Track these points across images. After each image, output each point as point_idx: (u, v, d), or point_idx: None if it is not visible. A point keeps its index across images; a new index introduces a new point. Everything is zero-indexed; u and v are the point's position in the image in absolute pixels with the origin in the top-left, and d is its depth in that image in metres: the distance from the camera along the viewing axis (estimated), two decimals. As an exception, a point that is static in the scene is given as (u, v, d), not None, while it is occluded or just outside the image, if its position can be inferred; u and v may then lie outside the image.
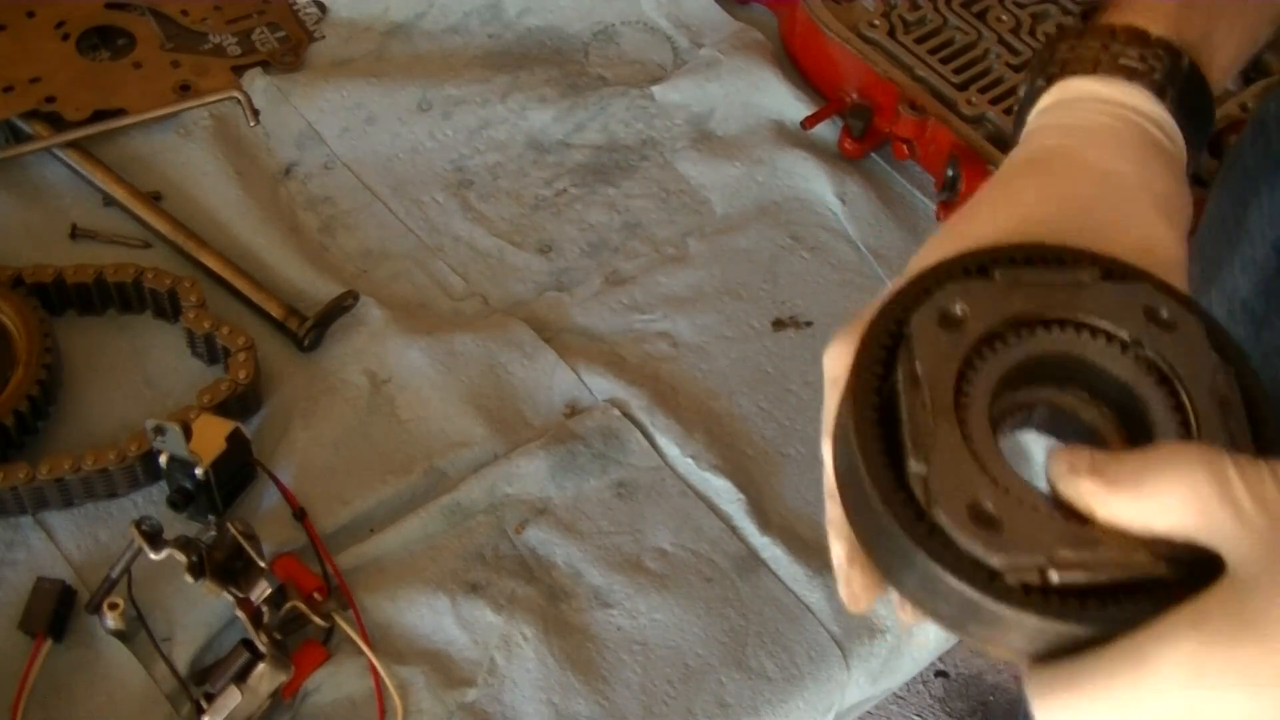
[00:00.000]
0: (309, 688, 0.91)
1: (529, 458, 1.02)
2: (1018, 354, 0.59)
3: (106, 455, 0.96)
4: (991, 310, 0.60)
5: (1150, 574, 0.53)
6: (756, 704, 0.94)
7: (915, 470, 0.55)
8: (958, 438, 0.56)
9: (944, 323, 0.59)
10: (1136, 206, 0.64)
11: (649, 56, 1.33)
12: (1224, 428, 0.56)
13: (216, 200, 1.16)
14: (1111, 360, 0.59)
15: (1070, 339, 0.59)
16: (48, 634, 0.90)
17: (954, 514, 0.54)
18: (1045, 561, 0.53)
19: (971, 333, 0.59)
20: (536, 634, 0.95)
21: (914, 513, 0.55)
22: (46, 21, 1.23)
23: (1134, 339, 0.59)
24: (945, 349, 0.58)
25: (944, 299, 0.60)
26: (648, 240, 1.19)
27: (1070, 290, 0.60)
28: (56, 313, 1.06)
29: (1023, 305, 0.60)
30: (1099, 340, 0.59)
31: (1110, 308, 0.59)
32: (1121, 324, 0.59)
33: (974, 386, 0.58)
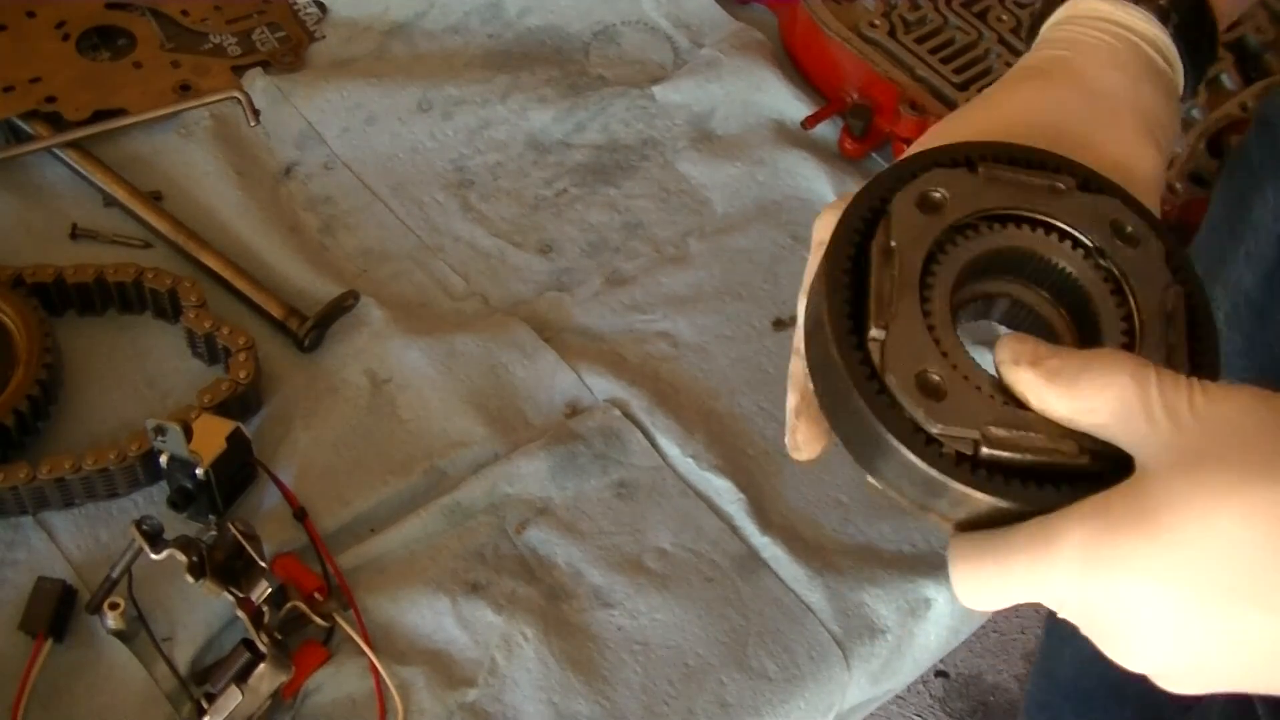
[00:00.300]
0: (309, 688, 0.91)
1: (529, 458, 1.02)
2: (987, 244, 0.63)
3: (107, 455, 0.96)
4: (969, 200, 0.64)
5: (1073, 464, 0.57)
6: (757, 704, 0.94)
7: (875, 335, 0.60)
8: (918, 310, 0.60)
9: (923, 205, 0.63)
10: (1122, 123, 0.68)
11: (649, 56, 1.33)
12: (1164, 340, 0.60)
13: (217, 200, 1.16)
14: (1073, 263, 0.63)
15: (1038, 239, 0.64)
16: (48, 634, 0.90)
17: (902, 379, 0.58)
18: (979, 435, 0.57)
19: (947, 217, 0.63)
20: (537, 634, 0.95)
21: (868, 373, 0.59)
22: (47, 21, 1.23)
23: (1097, 247, 0.63)
24: (920, 229, 0.63)
25: (926, 183, 0.64)
26: (648, 240, 1.19)
27: (1046, 194, 0.64)
28: (57, 313, 1.06)
29: (999, 199, 0.64)
30: (1065, 244, 0.63)
31: (1080, 215, 0.63)
32: (1088, 232, 0.63)
33: (942, 268, 0.62)
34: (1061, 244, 0.63)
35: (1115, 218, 0.63)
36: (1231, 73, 1.24)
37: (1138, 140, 0.67)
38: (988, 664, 2.08)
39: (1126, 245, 0.63)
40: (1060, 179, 0.64)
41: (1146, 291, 0.61)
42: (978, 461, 0.57)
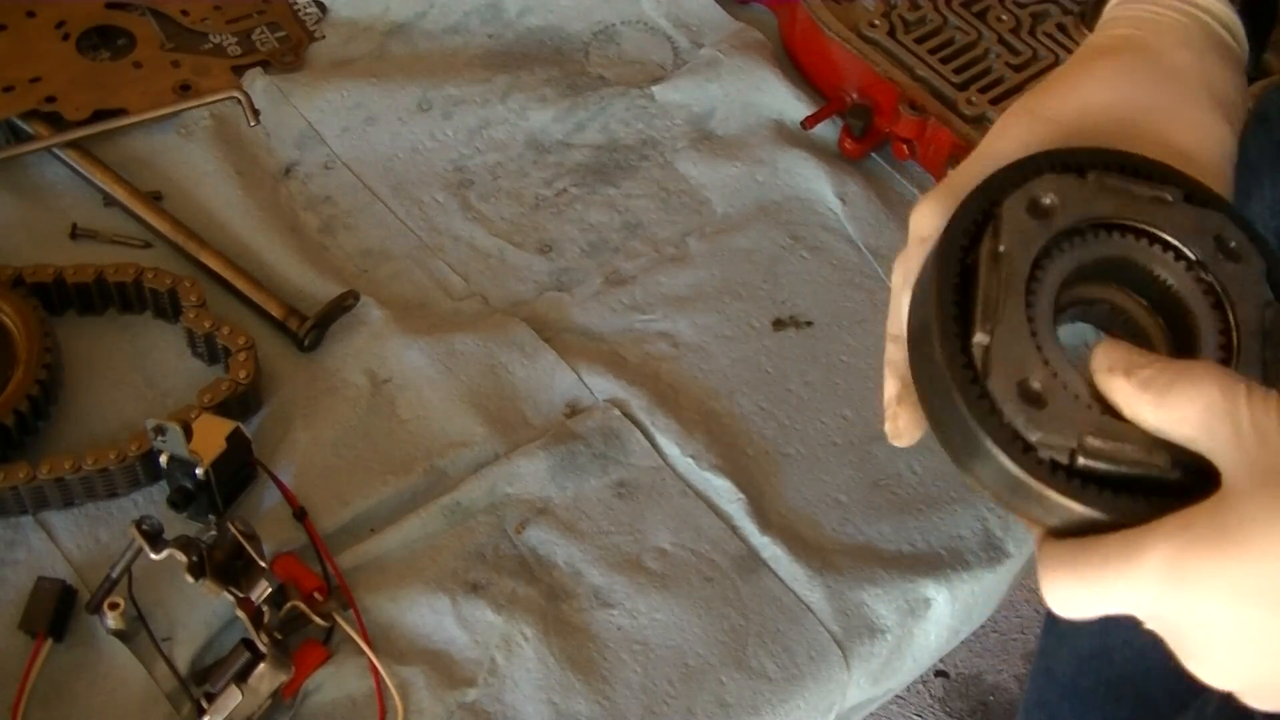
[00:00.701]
0: (309, 687, 0.91)
1: (529, 458, 1.02)
2: (1093, 251, 0.64)
3: (107, 455, 0.96)
4: (1079, 206, 0.64)
5: (1165, 476, 0.57)
6: (757, 704, 0.94)
7: (979, 339, 0.60)
8: (1022, 317, 0.61)
9: (1033, 210, 0.64)
10: (1195, 100, 0.68)
11: (649, 56, 1.33)
12: (1260, 357, 0.60)
13: (217, 200, 1.16)
14: (1175, 275, 0.63)
15: (1143, 249, 0.64)
16: (48, 634, 0.90)
17: (1004, 386, 0.59)
18: (1075, 445, 0.58)
19: (1056, 224, 0.63)
20: (537, 634, 0.95)
21: (971, 377, 0.60)
22: (46, 21, 1.23)
23: (1200, 260, 0.63)
24: (1029, 234, 0.63)
25: (1037, 188, 0.64)
26: (648, 240, 1.19)
27: (1153, 204, 0.64)
28: (57, 313, 1.06)
29: (1107, 208, 0.64)
30: (1169, 255, 0.64)
31: (1185, 227, 0.64)
32: (1192, 244, 0.63)
33: (1047, 273, 0.63)
34: (1165, 255, 0.64)
35: (1219, 232, 0.64)
36: (1231, 73, 1.24)
37: (1212, 121, 0.68)
38: (988, 664, 2.08)
39: (1229, 260, 0.63)
40: (1167, 190, 0.65)
41: (1246, 307, 0.62)
42: (1073, 471, 0.58)
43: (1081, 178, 0.65)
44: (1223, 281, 0.63)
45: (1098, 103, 0.68)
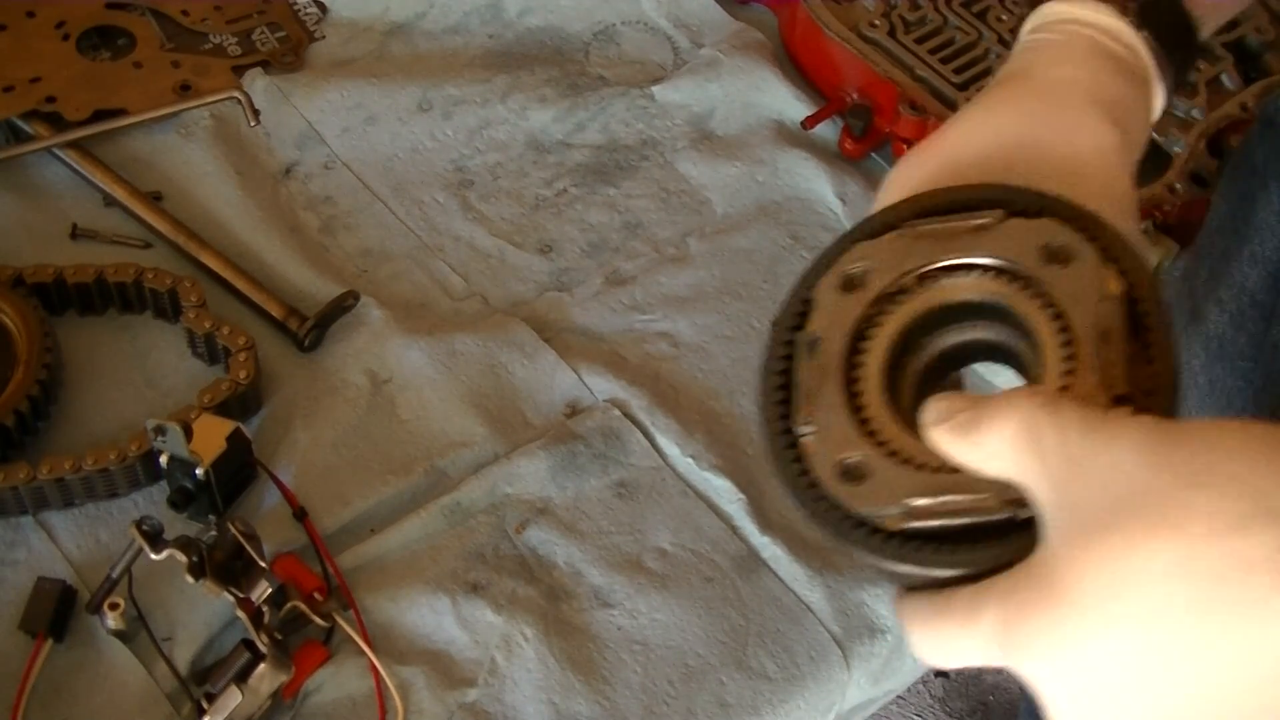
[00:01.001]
0: (309, 688, 0.91)
1: (529, 458, 1.02)
2: (917, 305, 0.63)
3: (107, 455, 0.96)
4: (892, 266, 0.63)
5: (996, 516, 0.56)
6: (757, 704, 0.94)
7: (802, 432, 0.61)
8: (839, 400, 0.61)
9: (845, 286, 0.63)
10: (1079, 112, 0.67)
11: (649, 56, 1.33)
12: (1097, 361, 0.57)
13: (217, 200, 1.16)
14: (1009, 298, 0.61)
15: (967, 284, 0.62)
16: (48, 634, 0.90)
17: (825, 470, 0.59)
18: (903, 510, 0.57)
19: (871, 291, 0.63)
20: (537, 634, 0.95)
21: (799, 469, 0.60)
22: (46, 21, 1.23)
23: (1026, 274, 0.61)
24: (843, 311, 0.63)
25: (846, 263, 0.64)
26: (648, 240, 1.19)
27: (971, 234, 0.62)
28: (57, 313, 1.06)
29: (922, 257, 0.63)
30: (999, 281, 0.61)
31: (1008, 247, 0.61)
32: (1018, 261, 0.61)
33: (873, 343, 0.62)
34: (995, 281, 0.61)
35: (1046, 240, 0.61)
36: (1231, 73, 1.24)
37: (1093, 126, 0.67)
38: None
39: (1059, 265, 0.60)
40: (985, 215, 0.62)
41: (1080, 310, 0.59)
42: (908, 535, 0.57)
43: (894, 236, 0.63)
44: (1055, 289, 0.60)
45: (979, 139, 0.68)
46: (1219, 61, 1.24)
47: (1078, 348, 0.58)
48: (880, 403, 0.60)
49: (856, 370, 0.61)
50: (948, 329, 0.64)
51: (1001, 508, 0.55)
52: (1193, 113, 1.21)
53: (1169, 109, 1.20)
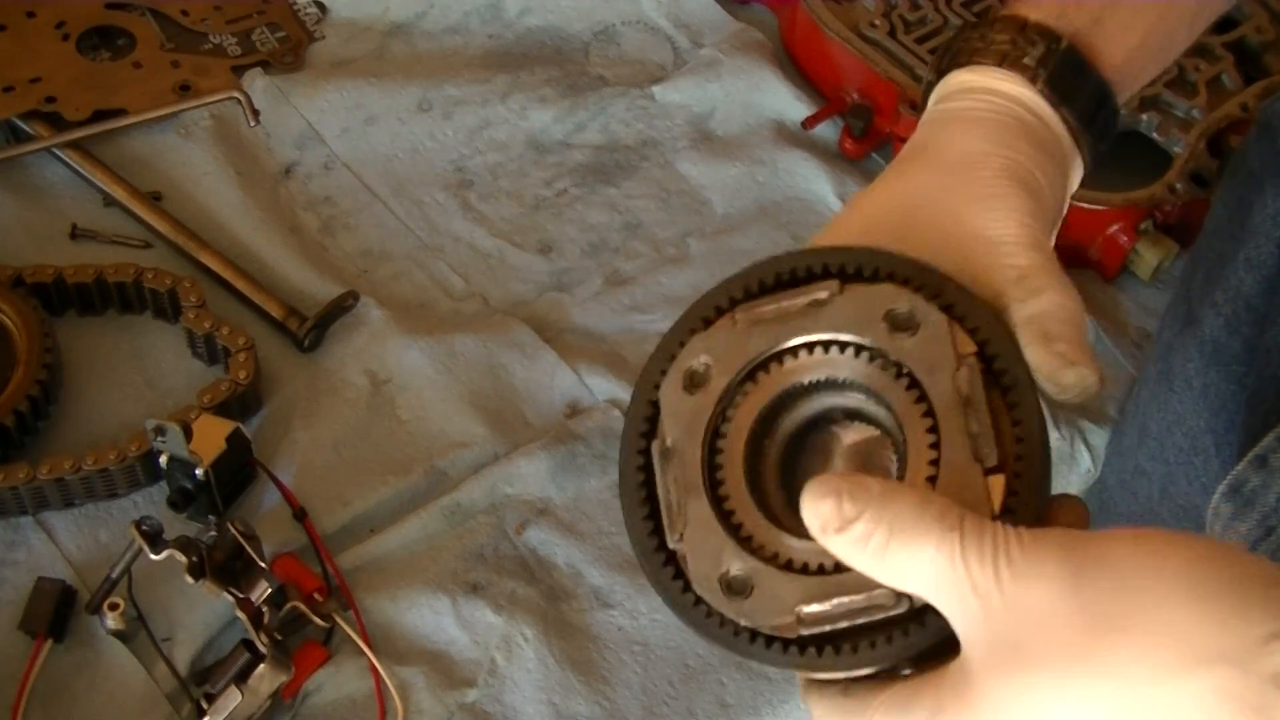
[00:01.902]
0: (309, 688, 0.91)
1: (529, 458, 1.02)
2: (766, 396, 0.60)
3: (107, 455, 0.96)
4: (734, 357, 0.60)
5: (892, 612, 0.55)
6: (757, 704, 0.94)
7: (675, 548, 0.59)
8: (707, 511, 0.58)
9: (689, 384, 0.60)
10: (977, 179, 0.65)
11: (649, 56, 1.33)
12: (964, 431, 0.56)
13: (216, 200, 1.15)
14: (860, 372, 0.59)
15: (815, 362, 0.60)
16: (48, 634, 0.90)
17: (708, 587, 0.57)
18: (793, 619, 0.56)
19: (715, 389, 0.60)
20: (537, 634, 0.95)
21: (681, 586, 0.58)
22: (46, 21, 1.23)
23: (876, 346, 0.59)
24: (691, 415, 0.60)
25: (687, 358, 0.61)
26: (648, 240, 1.19)
27: (809, 310, 0.60)
28: (57, 313, 1.06)
29: (762, 343, 0.60)
30: (846, 354, 0.59)
31: (850, 319, 0.59)
32: (863, 333, 0.59)
33: (729, 441, 0.59)
34: (843, 355, 0.59)
35: (890, 306, 0.58)
36: (1231, 73, 1.24)
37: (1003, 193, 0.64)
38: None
39: (905, 334, 0.58)
40: (820, 287, 0.60)
41: (936, 378, 0.57)
42: (804, 640, 0.56)
43: (731, 321, 0.61)
44: (906, 361, 0.58)
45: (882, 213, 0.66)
46: (1219, 61, 1.24)
47: (941, 420, 0.56)
48: (748, 504, 0.58)
49: (718, 473, 0.59)
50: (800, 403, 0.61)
51: (896, 603, 0.55)
52: (1193, 113, 1.21)
53: (1169, 109, 1.21)
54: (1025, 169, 0.66)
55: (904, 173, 0.68)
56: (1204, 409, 0.97)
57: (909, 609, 0.54)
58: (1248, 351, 0.95)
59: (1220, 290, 0.97)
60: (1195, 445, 0.98)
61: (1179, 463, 1.00)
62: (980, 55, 0.69)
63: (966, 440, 0.56)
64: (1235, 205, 0.97)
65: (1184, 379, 0.99)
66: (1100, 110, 0.71)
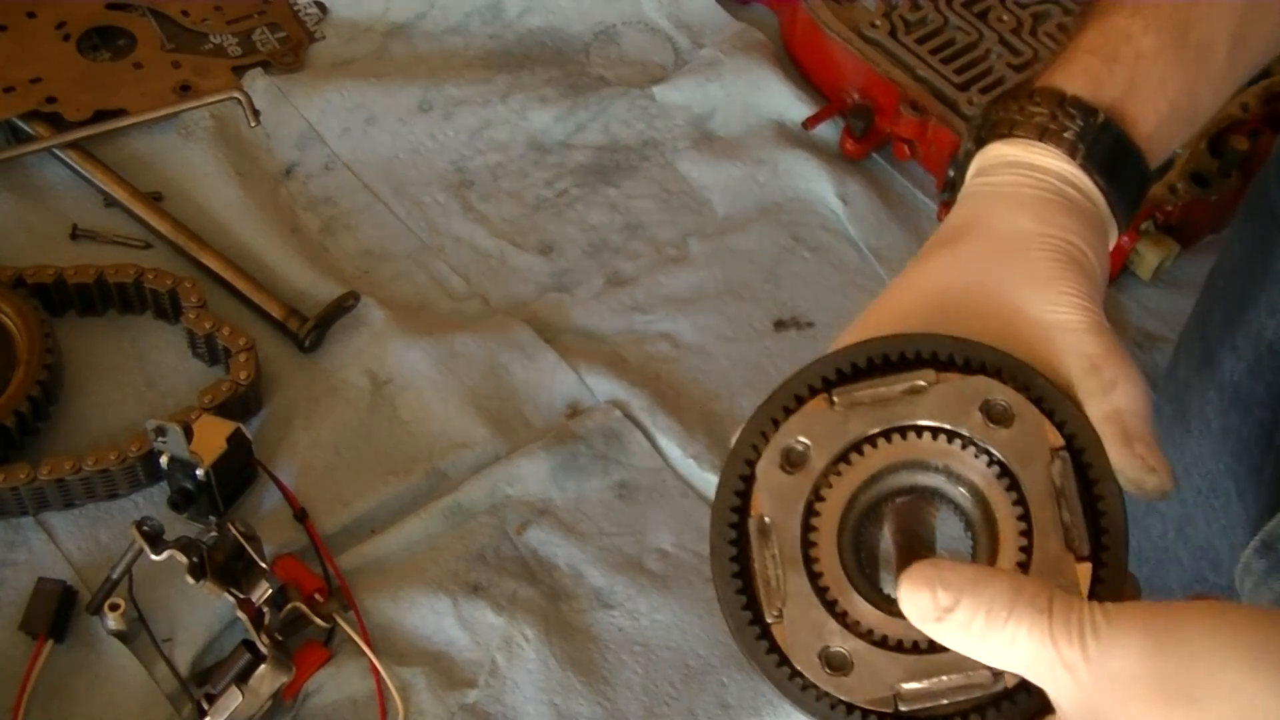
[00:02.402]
0: (310, 688, 0.91)
1: (530, 458, 1.02)
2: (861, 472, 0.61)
3: (107, 456, 0.96)
4: (832, 439, 0.61)
5: (991, 691, 0.56)
6: (757, 704, 0.94)
7: (771, 622, 0.59)
8: (806, 587, 0.59)
9: (787, 462, 0.61)
10: (1032, 259, 0.66)
11: (650, 57, 1.33)
12: (1058, 521, 0.58)
13: (217, 201, 1.15)
14: (955, 460, 0.61)
15: (914, 447, 0.61)
16: (49, 635, 0.90)
17: (808, 662, 0.58)
18: (891, 695, 0.57)
19: (813, 469, 0.61)
20: (538, 635, 0.95)
21: (777, 660, 0.59)
22: (47, 22, 1.23)
23: (970, 437, 0.60)
24: (789, 493, 0.61)
25: (784, 437, 0.62)
26: (649, 241, 1.19)
27: (908, 397, 0.61)
28: (57, 313, 1.06)
29: (861, 426, 0.61)
30: (941, 441, 0.61)
31: (947, 408, 0.61)
32: (958, 424, 0.60)
33: (823, 519, 0.60)
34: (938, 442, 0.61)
35: (986, 397, 0.60)
36: (1232, 73, 1.24)
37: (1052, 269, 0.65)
38: (988, 664, 2.08)
39: (1000, 426, 0.60)
40: (919, 375, 0.61)
41: (1030, 471, 0.59)
42: (902, 716, 0.57)
43: (829, 403, 0.62)
44: (1001, 452, 0.60)
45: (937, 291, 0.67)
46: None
47: (1034, 509, 0.58)
48: (843, 581, 0.59)
49: (812, 550, 0.60)
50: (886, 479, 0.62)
51: (994, 681, 0.56)
52: (1193, 113, 1.21)
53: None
54: (1076, 248, 0.67)
55: (956, 252, 0.68)
56: (1224, 452, 0.96)
57: (1004, 688, 0.56)
58: (1272, 397, 0.93)
59: (1241, 334, 0.95)
60: (1215, 488, 0.97)
61: (1197, 504, 0.99)
62: (1020, 128, 0.69)
63: (1060, 530, 0.58)
64: (1254, 246, 0.95)
65: (1202, 420, 0.98)
66: (1134, 180, 0.71)
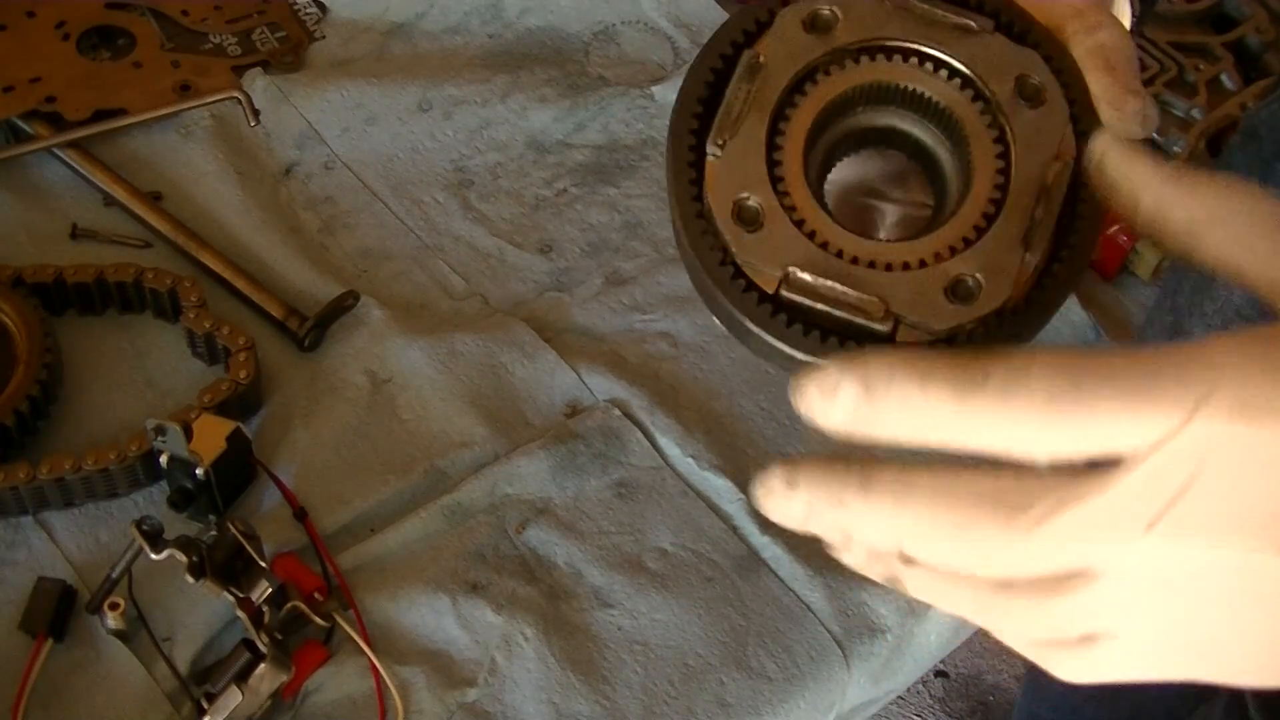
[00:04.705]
0: (310, 688, 0.91)
1: (529, 458, 1.02)
2: (871, 75, 0.58)
3: (107, 455, 0.96)
4: (865, 25, 0.58)
5: (871, 326, 0.53)
6: (757, 704, 0.94)
7: (711, 152, 0.56)
8: (761, 133, 0.56)
9: (811, 24, 0.58)
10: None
11: (649, 56, 1.33)
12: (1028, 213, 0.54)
13: (217, 200, 1.16)
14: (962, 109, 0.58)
15: (930, 78, 0.58)
16: (48, 634, 0.90)
17: (719, 201, 0.55)
18: (778, 275, 0.54)
19: (835, 40, 0.58)
20: (537, 634, 0.95)
21: (694, 193, 0.56)
22: (47, 21, 1.23)
23: (991, 98, 0.57)
24: (799, 47, 0.58)
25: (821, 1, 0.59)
26: (648, 240, 1.19)
27: (954, 31, 0.58)
28: (57, 312, 1.06)
29: (899, 29, 0.58)
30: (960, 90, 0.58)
31: (985, 61, 0.58)
32: (988, 80, 0.58)
33: (811, 94, 0.58)
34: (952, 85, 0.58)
35: (1024, 72, 0.57)
36: (1231, 73, 1.24)
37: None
38: (988, 664, 2.08)
39: (1027, 104, 0.57)
40: (976, 18, 0.58)
41: (1030, 158, 0.56)
42: (779, 301, 0.54)
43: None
44: (1013, 126, 0.56)
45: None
46: (1219, 62, 1.24)
47: (1012, 194, 0.55)
48: (797, 157, 0.56)
49: (787, 112, 0.57)
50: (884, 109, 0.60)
51: (884, 317, 0.53)
52: (1193, 113, 1.21)
53: (1169, 109, 1.21)
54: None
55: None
56: None
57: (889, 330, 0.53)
58: None
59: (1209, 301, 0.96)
60: None
61: None
62: None
63: (1025, 221, 0.55)
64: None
65: None
66: None
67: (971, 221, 0.55)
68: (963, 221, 0.55)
